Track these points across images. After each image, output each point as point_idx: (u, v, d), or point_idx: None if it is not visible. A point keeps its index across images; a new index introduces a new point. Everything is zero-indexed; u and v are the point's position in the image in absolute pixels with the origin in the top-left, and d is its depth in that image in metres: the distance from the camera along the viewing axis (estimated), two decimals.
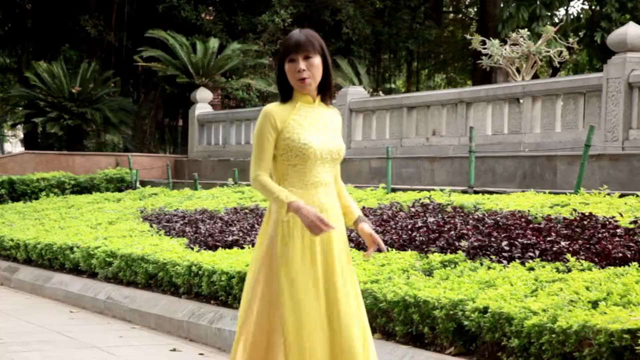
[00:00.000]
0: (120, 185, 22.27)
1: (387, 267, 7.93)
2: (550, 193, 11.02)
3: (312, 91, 4.75)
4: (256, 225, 11.51)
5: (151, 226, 13.63)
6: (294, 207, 4.58)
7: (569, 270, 6.96)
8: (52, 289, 12.74)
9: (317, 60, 4.68)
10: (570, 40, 20.15)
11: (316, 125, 4.74)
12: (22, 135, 43.85)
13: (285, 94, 4.77)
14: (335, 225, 4.61)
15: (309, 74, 4.68)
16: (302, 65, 4.66)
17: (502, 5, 30.84)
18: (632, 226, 7.98)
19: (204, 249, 10.79)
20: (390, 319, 7.10)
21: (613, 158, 12.50)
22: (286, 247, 4.64)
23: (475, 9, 39.96)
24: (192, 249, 10.93)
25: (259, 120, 4.73)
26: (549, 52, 19.06)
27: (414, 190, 13.02)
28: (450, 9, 41.85)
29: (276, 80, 4.84)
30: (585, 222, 8.33)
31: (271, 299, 4.61)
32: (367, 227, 4.80)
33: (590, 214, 8.60)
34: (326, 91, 4.80)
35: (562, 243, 7.62)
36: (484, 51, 19.19)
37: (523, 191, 11.56)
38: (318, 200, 4.68)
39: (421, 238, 8.82)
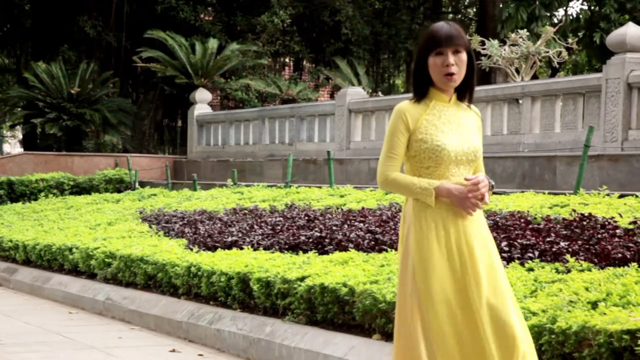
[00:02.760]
0: (119, 186, 22.27)
1: (387, 268, 7.92)
2: (549, 193, 11.02)
3: (451, 89, 4.49)
4: (255, 226, 11.51)
5: (150, 227, 13.63)
6: (443, 190, 4.36)
7: (569, 271, 6.95)
8: (51, 290, 12.73)
9: (464, 56, 4.42)
10: (570, 40, 20.15)
11: (450, 125, 4.47)
12: (21, 136, 43.85)
13: (421, 92, 4.50)
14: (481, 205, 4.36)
15: (457, 70, 4.40)
16: (452, 59, 4.39)
17: (501, 5, 30.83)
18: (631, 227, 7.97)
19: (203, 250, 10.79)
20: (389, 320, 7.08)
21: (612, 158, 12.50)
22: (421, 253, 4.41)
23: (475, 10, 39.97)
24: (191, 249, 10.92)
25: (392, 119, 4.50)
26: (548, 52, 19.06)
27: None
28: (450, 10, 41.84)
29: (413, 75, 4.53)
30: (585, 223, 8.33)
31: (414, 309, 4.41)
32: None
33: (590, 214, 8.60)
34: (466, 91, 4.53)
35: (562, 244, 7.61)
36: (483, 52, 19.19)
37: (522, 192, 11.56)
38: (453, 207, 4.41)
39: None
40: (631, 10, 29.59)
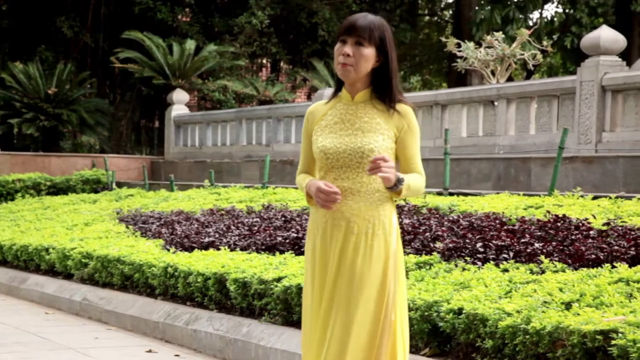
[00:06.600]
0: (96, 186, 22.23)
1: None
2: (524, 195, 11.09)
3: (354, 84, 4.25)
4: (232, 227, 11.54)
5: (127, 227, 13.62)
6: (308, 189, 4.22)
7: (543, 272, 7.01)
8: (28, 291, 12.71)
9: (368, 51, 4.12)
10: (544, 43, 20.29)
11: (344, 124, 4.25)
12: None
13: (335, 90, 4.38)
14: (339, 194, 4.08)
15: (353, 62, 4.13)
16: (349, 49, 4.12)
17: (476, 8, 30.98)
18: (604, 228, 8.04)
19: (180, 251, 10.80)
20: None
21: (586, 160, 12.60)
22: (305, 257, 4.40)
23: (451, 12, 40.10)
24: (168, 250, 10.93)
25: None
26: (523, 55, 19.17)
27: None
28: (426, 12, 41.96)
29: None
30: (559, 224, 8.40)
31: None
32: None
33: (564, 215, 8.67)
34: (382, 91, 4.23)
35: (536, 245, 7.67)
36: (459, 54, 19.28)
37: (497, 193, 11.63)
38: (339, 210, 4.17)
39: None
40: (603, 14, 29.80)
